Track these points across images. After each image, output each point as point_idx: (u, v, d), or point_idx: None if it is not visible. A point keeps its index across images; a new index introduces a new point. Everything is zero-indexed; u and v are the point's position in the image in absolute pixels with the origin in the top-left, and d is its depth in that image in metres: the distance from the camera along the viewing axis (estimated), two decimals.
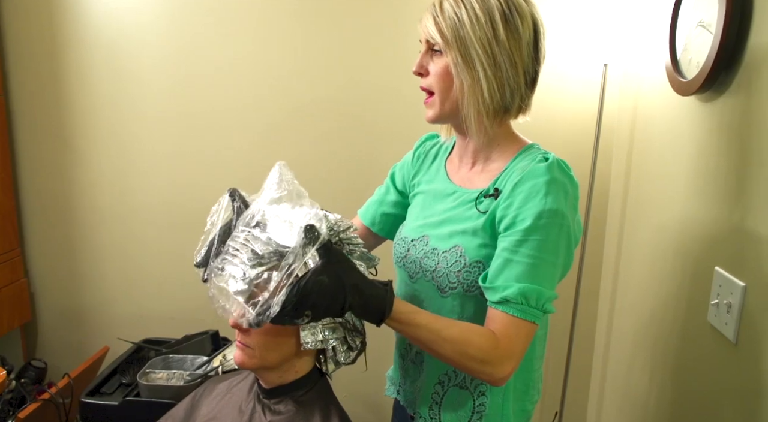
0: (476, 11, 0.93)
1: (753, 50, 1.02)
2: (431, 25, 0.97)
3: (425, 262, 1.03)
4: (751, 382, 0.98)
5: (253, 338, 0.95)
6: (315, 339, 0.94)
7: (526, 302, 0.90)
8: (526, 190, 0.91)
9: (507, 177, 0.97)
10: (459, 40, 0.94)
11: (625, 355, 1.69)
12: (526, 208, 0.90)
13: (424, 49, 1.01)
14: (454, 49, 0.95)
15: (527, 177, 0.92)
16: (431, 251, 1.02)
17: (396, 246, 1.12)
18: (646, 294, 1.52)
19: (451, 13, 0.95)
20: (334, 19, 1.89)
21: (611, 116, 1.82)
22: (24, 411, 1.59)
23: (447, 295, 1.00)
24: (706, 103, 1.20)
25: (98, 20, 1.95)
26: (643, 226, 1.58)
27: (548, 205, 0.90)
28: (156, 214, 2.08)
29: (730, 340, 1.03)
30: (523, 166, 0.96)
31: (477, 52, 0.94)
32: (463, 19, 0.94)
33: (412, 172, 1.18)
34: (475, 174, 1.05)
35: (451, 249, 0.99)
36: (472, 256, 0.96)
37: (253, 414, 1.01)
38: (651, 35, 1.60)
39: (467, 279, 0.97)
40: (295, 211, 0.98)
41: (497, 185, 0.97)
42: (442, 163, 1.13)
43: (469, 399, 1.03)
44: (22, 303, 2.09)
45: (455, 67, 0.96)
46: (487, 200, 0.98)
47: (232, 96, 1.97)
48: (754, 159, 0.99)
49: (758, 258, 0.96)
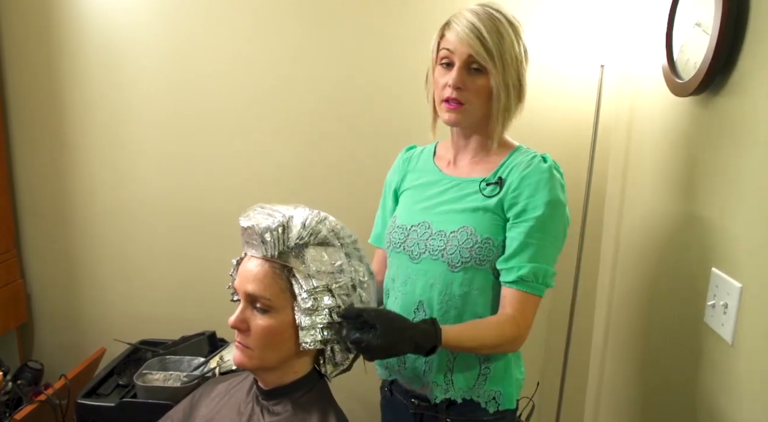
0: (510, 39, 1.09)
1: (749, 51, 1.02)
2: (477, 45, 1.07)
3: (432, 243, 1.15)
4: (748, 383, 0.98)
5: (253, 338, 0.95)
6: (314, 339, 0.94)
7: (535, 279, 1.09)
8: (534, 183, 1.09)
9: (507, 169, 1.14)
10: (503, 66, 1.09)
11: (621, 355, 1.69)
12: (536, 199, 1.08)
13: (461, 64, 1.09)
14: (500, 71, 1.09)
15: (533, 172, 1.10)
16: (438, 233, 1.15)
17: (393, 235, 1.22)
18: (643, 294, 1.52)
19: (494, 38, 1.07)
20: (333, 20, 1.89)
21: (608, 117, 1.82)
22: (20, 413, 1.59)
23: (458, 270, 1.12)
24: (702, 104, 1.20)
25: (95, 21, 1.95)
26: (639, 227, 1.58)
27: (553, 197, 1.08)
28: (152, 215, 2.07)
29: (727, 341, 1.03)
30: (520, 160, 1.13)
31: (512, 74, 1.10)
32: (505, 48, 1.08)
33: (402, 175, 1.31)
34: (474, 166, 1.19)
35: (459, 230, 1.12)
36: (482, 233, 1.11)
37: (251, 416, 1.01)
38: (648, 36, 1.60)
39: (480, 254, 1.11)
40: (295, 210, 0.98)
41: (500, 175, 1.14)
42: (428, 162, 1.28)
43: (476, 362, 1.17)
44: (19, 304, 2.08)
45: (496, 88, 1.10)
46: (490, 187, 1.13)
47: (230, 97, 1.97)
48: (751, 160, 1.00)
49: (755, 259, 0.97)
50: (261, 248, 0.94)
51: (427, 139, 1.31)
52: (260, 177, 2.01)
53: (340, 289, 0.97)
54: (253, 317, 0.95)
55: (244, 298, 0.96)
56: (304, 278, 0.94)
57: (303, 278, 0.94)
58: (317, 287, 0.94)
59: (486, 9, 1.10)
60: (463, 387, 1.17)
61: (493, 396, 1.18)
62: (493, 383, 1.18)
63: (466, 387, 1.17)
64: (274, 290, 0.94)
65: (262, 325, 0.94)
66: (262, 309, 0.94)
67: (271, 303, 0.94)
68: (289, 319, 0.95)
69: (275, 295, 0.94)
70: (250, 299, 0.95)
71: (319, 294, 0.94)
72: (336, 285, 0.96)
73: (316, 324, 0.94)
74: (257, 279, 0.94)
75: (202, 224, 2.05)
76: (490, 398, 1.18)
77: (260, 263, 0.95)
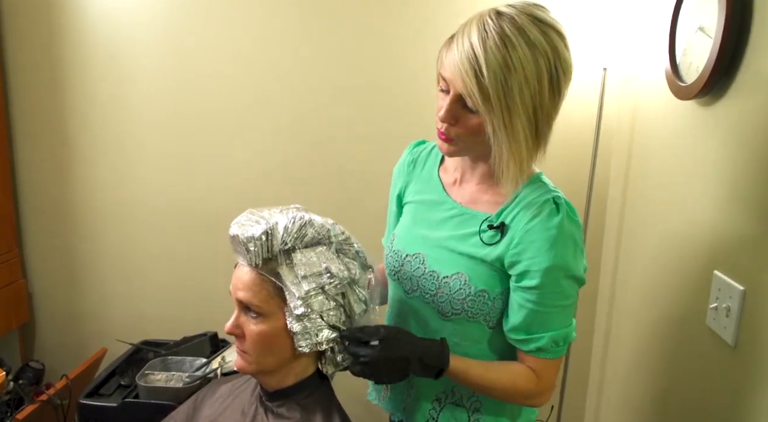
0: (526, 75, 0.85)
1: (752, 55, 1.02)
2: (471, 83, 0.85)
3: (424, 283, 1.03)
4: (750, 385, 0.98)
5: (249, 344, 0.96)
6: (309, 343, 0.94)
7: (555, 345, 0.97)
8: (538, 240, 0.93)
9: (514, 210, 0.97)
10: (508, 109, 0.86)
11: (623, 359, 1.69)
12: (540, 261, 0.93)
13: (453, 97, 0.90)
14: (499, 117, 0.87)
15: (539, 228, 0.93)
16: (430, 273, 1.02)
17: (388, 259, 1.12)
18: (645, 297, 1.52)
19: (498, 75, 0.84)
20: (333, 20, 1.89)
21: (610, 120, 1.82)
22: (22, 413, 1.59)
23: (449, 319, 1.02)
24: (705, 108, 1.20)
25: (97, 20, 1.95)
26: (641, 230, 1.58)
27: (557, 261, 0.93)
28: (155, 215, 2.08)
29: (729, 344, 1.03)
30: (529, 203, 0.95)
31: (522, 122, 0.88)
32: (512, 86, 0.85)
33: (406, 180, 1.16)
34: (480, 194, 1.03)
35: (453, 276, 1.00)
36: (477, 285, 0.98)
37: (255, 417, 1.01)
38: (651, 39, 1.60)
39: (472, 307, 0.99)
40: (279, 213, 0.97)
41: (504, 219, 0.97)
42: (433, 172, 1.11)
43: (464, 414, 1.07)
44: (20, 304, 2.08)
45: (493, 131, 0.89)
46: (491, 232, 0.98)
47: (231, 97, 1.97)
48: (753, 163, 1.00)
49: (757, 262, 0.97)
50: (246, 257, 0.94)
51: (431, 138, 1.29)
52: (262, 177, 2.01)
53: (334, 289, 0.95)
54: (247, 323, 0.95)
55: (237, 304, 0.97)
56: (293, 284, 0.93)
57: (292, 284, 0.93)
58: (309, 290, 0.93)
59: (501, 27, 0.85)
60: None
61: None
62: None
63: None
64: (263, 296, 0.94)
65: (256, 331, 0.94)
66: (255, 314, 0.95)
67: (262, 309, 0.94)
68: (282, 324, 0.94)
69: (264, 302, 0.94)
70: (243, 305, 0.96)
71: (312, 298, 0.93)
72: (329, 285, 0.95)
73: (309, 328, 0.94)
74: (246, 287, 0.94)
75: (205, 224, 2.05)
76: None
77: (249, 270, 0.95)
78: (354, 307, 0.99)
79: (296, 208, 0.99)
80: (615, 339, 1.79)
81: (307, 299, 0.93)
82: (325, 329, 0.95)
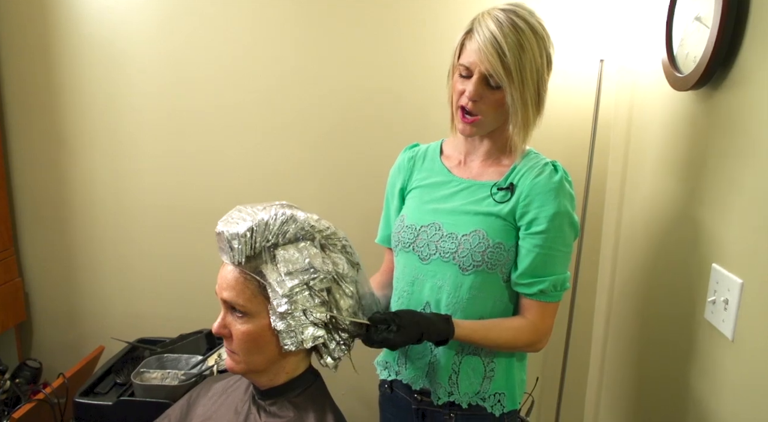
0: (533, 53, 1.07)
1: (750, 45, 1.01)
2: (496, 62, 1.05)
3: (443, 245, 1.15)
4: (748, 379, 0.97)
5: (236, 344, 0.95)
6: (295, 340, 0.93)
7: (554, 289, 1.13)
8: (544, 193, 1.10)
9: (519, 174, 1.14)
10: (522, 82, 1.07)
11: (621, 351, 1.69)
12: (546, 209, 1.10)
13: (478, 77, 1.08)
14: (518, 87, 1.07)
15: (544, 182, 1.11)
16: (449, 235, 1.15)
17: (402, 234, 1.21)
18: (643, 291, 1.51)
19: (516, 54, 1.05)
20: (334, 20, 1.88)
21: (608, 111, 1.81)
22: (18, 412, 1.59)
23: (469, 273, 1.13)
24: (702, 98, 1.19)
25: (93, 18, 1.93)
26: (639, 222, 1.57)
27: (561, 208, 1.10)
28: (150, 214, 2.07)
29: (728, 337, 1.03)
30: (531, 166, 1.14)
31: (531, 92, 1.09)
32: (524, 63, 1.06)
33: (407, 174, 1.29)
34: (485, 168, 1.20)
35: (471, 233, 1.13)
36: (494, 238, 1.12)
37: (248, 415, 1.00)
38: (647, 30, 1.59)
39: (491, 259, 1.12)
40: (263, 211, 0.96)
41: (511, 180, 1.14)
42: (435, 161, 1.26)
43: (481, 364, 1.18)
44: (17, 302, 2.08)
45: (513, 103, 1.09)
46: (501, 192, 1.14)
47: (228, 96, 1.96)
48: (751, 154, 0.99)
49: (755, 255, 0.96)
50: (230, 255, 0.93)
51: (428, 138, 1.32)
52: (260, 176, 2.00)
53: (319, 283, 0.94)
54: (234, 323, 0.95)
55: (223, 304, 0.96)
56: (277, 281, 0.92)
57: (275, 281, 0.92)
58: (293, 287, 0.92)
59: (510, 18, 1.06)
60: (468, 392, 1.18)
61: (498, 399, 1.19)
62: (497, 385, 1.19)
63: (471, 392, 1.18)
64: (246, 295, 0.93)
65: (242, 330, 0.94)
66: (240, 314, 0.94)
67: (246, 308, 0.93)
68: (267, 323, 0.94)
69: (248, 301, 0.93)
70: (228, 305, 0.95)
71: (296, 295, 0.92)
72: (314, 280, 0.93)
73: (294, 326, 0.93)
74: (230, 286, 0.93)
75: (201, 223, 2.04)
76: (495, 401, 1.19)
77: (233, 269, 0.94)
78: (340, 303, 0.98)
79: (280, 205, 0.98)
80: (613, 331, 1.79)
81: (292, 296, 0.92)
82: (310, 327, 0.94)
